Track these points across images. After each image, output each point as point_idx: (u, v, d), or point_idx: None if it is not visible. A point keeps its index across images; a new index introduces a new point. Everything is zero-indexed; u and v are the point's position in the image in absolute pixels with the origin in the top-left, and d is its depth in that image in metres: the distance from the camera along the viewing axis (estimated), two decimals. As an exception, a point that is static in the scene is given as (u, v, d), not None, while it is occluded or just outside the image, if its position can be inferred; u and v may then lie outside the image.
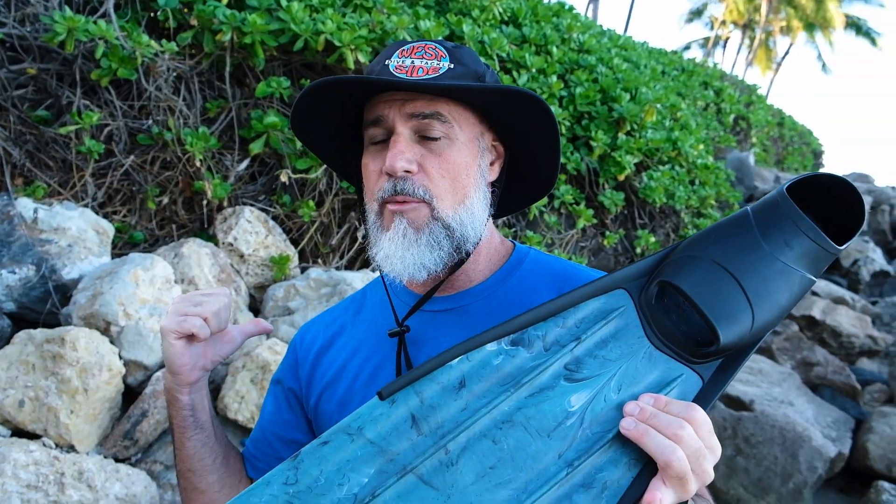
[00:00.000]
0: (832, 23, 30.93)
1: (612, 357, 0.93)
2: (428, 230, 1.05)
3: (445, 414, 0.89)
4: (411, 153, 1.05)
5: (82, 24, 3.09)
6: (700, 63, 11.82)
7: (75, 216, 2.96)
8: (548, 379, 0.90)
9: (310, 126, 1.17)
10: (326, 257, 3.64)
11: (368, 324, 1.23)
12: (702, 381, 0.94)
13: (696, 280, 0.93)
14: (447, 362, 0.91)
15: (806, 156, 16.33)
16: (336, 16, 3.49)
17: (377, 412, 0.89)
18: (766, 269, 0.93)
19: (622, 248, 5.05)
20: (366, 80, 1.03)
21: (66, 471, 2.18)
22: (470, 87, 1.05)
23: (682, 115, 5.97)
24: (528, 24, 4.62)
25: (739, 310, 0.92)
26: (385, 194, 1.05)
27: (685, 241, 1.01)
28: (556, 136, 1.15)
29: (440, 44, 1.10)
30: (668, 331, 0.95)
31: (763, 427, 4.76)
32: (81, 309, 2.58)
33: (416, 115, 1.05)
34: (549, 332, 0.94)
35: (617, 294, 0.97)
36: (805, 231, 0.93)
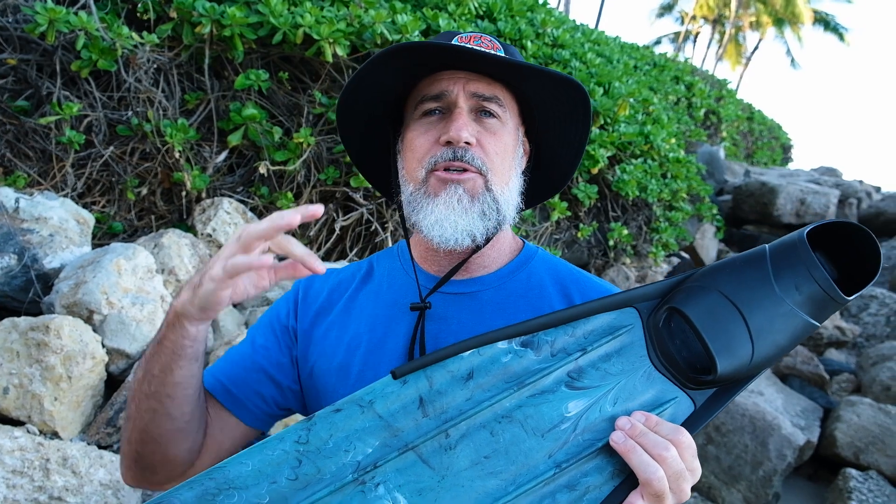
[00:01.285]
0: (801, 18, 31.40)
1: (613, 371, 0.98)
2: (481, 199, 1.11)
3: (451, 401, 0.94)
4: (472, 127, 1.12)
5: (63, 15, 3.11)
6: (671, 58, 11.99)
7: (56, 206, 2.99)
8: (550, 383, 0.96)
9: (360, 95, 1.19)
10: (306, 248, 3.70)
11: (375, 295, 1.26)
12: (693, 406, 0.98)
13: (703, 310, 0.98)
14: (460, 353, 0.97)
15: (775, 150, 16.62)
16: (314, 9, 3.54)
17: (389, 389, 0.95)
18: (772, 309, 0.97)
19: (595, 241, 5.16)
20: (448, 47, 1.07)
21: (50, 457, 2.23)
22: (533, 67, 1.11)
23: (654, 110, 6.09)
24: (503, 18, 4.70)
25: (740, 345, 0.96)
26: (441, 159, 1.10)
27: (701, 270, 1.05)
28: (587, 133, 1.23)
29: (494, 37, 1.18)
30: (670, 354, 0.99)
31: (734, 416, 4.91)
32: (64, 297, 2.62)
33: (478, 95, 1.13)
34: (559, 338, 0.99)
35: (628, 312, 1.02)
36: (817, 279, 0.97)
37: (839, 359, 6.79)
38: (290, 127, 3.70)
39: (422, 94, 1.16)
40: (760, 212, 9.24)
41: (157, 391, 1.06)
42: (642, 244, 5.56)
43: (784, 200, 9.16)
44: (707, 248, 7.59)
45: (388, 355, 1.18)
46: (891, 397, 5.44)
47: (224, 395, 1.24)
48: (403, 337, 1.18)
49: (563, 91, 1.16)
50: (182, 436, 1.12)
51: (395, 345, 1.18)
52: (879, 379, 5.63)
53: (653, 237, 5.61)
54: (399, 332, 1.19)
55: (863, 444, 4.99)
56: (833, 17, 32.39)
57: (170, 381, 1.05)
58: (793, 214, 9.20)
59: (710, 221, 7.38)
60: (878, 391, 5.56)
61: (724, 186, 9.88)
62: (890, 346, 5.92)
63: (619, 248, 5.25)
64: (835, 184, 11.29)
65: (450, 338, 1.16)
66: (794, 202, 9.21)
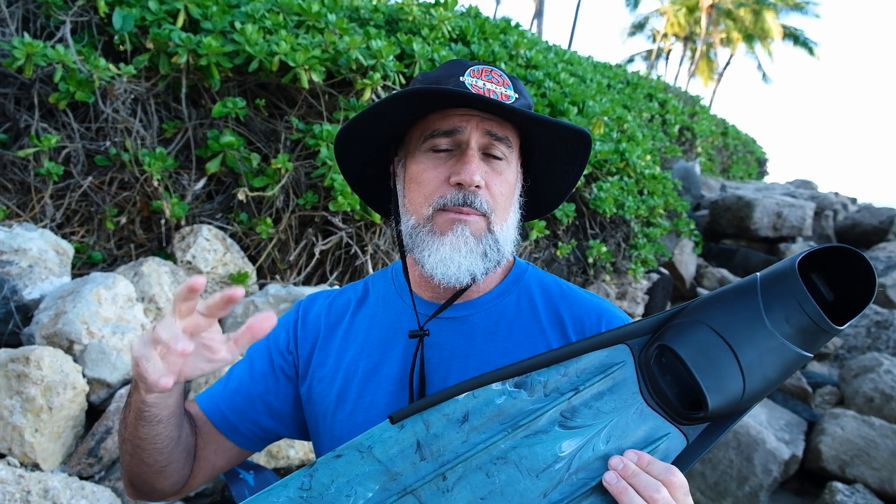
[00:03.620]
0: (770, 34, 32.01)
1: (605, 409, 0.99)
2: (484, 241, 1.13)
3: (447, 444, 0.96)
4: (483, 169, 1.12)
5: (40, 48, 3.14)
6: (644, 76, 12.18)
7: (35, 237, 3.00)
8: (544, 423, 0.98)
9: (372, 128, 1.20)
10: (284, 273, 3.72)
11: (371, 320, 1.26)
12: (686, 442, 0.99)
13: (694, 347, 0.99)
14: (455, 396, 0.99)
15: (751, 164, 16.85)
16: (289, 37, 3.59)
17: (387, 434, 0.97)
18: (763, 343, 0.97)
19: (575, 259, 5.22)
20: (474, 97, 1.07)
21: (31, 489, 2.22)
22: (552, 121, 1.13)
23: (628, 127, 6.19)
24: (476, 41, 4.78)
25: (731, 381, 0.97)
26: (450, 202, 1.11)
27: (692, 304, 1.06)
28: (578, 177, 1.26)
29: (503, 72, 1.19)
30: (662, 391, 1.00)
31: None
32: (44, 328, 2.62)
33: (491, 135, 1.13)
34: (551, 378, 1.01)
35: (619, 349, 1.03)
36: (807, 311, 0.97)
37: (822, 371, 6.82)
38: (268, 153, 3.74)
39: (432, 127, 1.15)
40: (737, 226, 9.36)
41: (131, 438, 1.10)
42: (621, 261, 5.62)
43: (760, 214, 9.29)
44: (686, 263, 7.68)
45: (385, 381, 1.19)
46: (874, 409, 5.46)
47: (223, 424, 1.26)
48: (398, 362, 1.20)
49: (570, 138, 1.18)
50: (162, 477, 1.16)
51: (391, 371, 1.19)
52: (862, 391, 5.65)
53: (632, 254, 5.68)
54: (394, 358, 1.20)
55: (848, 457, 4.99)
56: (802, 32, 33.04)
57: (138, 435, 1.08)
58: (770, 228, 9.33)
59: (687, 237, 7.47)
60: (862, 403, 5.58)
61: (701, 201, 10.00)
62: (871, 358, 5.96)
63: (599, 265, 5.30)
64: (810, 196, 11.45)
65: (442, 363, 1.18)
66: (770, 215, 9.34)
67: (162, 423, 1.07)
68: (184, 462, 1.17)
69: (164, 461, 1.12)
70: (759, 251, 9.31)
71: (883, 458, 4.88)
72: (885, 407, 5.43)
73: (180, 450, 1.15)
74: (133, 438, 1.09)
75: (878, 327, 7.13)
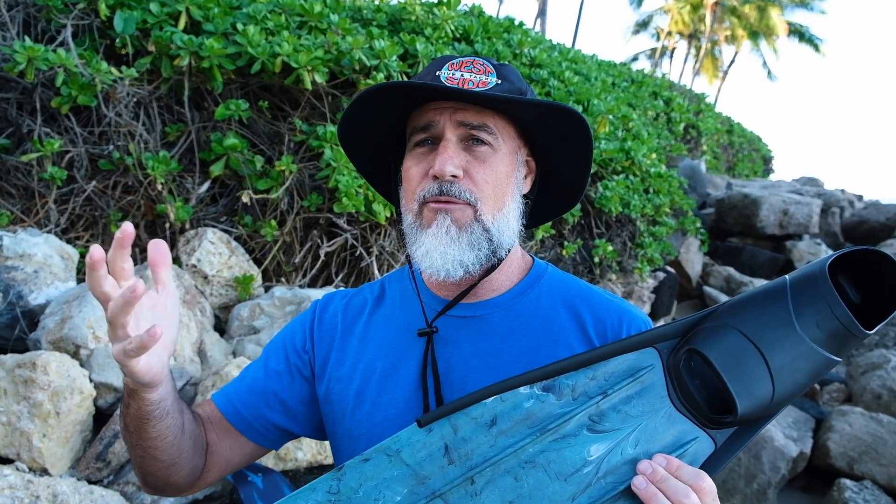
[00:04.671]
0: (775, 30, 31.90)
1: (633, 413, 0.98)
2: (469, 230, 1.11)
3: (475, 447, 0.96)
4: (459, 159, 1.11)
5: (42, 53, 3.13)
6: (649, 74, 12.15)
7: (40, 242, 2.99)
8: (572, 427, 0.97)
9: (356, 128, 1.22)
10: (290, 276, 3.71)
11: (388, 320, 1.26)
12: (714, 446, 0.99)
13: (724, 351, 0.98)
14: (483, 399, 0.98)
15: (756, 162, 16.81)
16: (292, 38, 3.58)
17: (415, 438, 0.97)
18: (793, 348, 0.97)
19: (581, 258, 5.20)
20: (426, 86, 1.09)
21: (41, 494, 2.21)
22: (518, 100, 1.11)
23: (633, 126, 6.16)
24: (479, 40, 4.76)
25: (761, 385, 0.96)
26: (428, 193, 1.11)
27: (721, 307, 1.04)
28: (589, 153, 1.22)
29: (487, 60, 1.17)
30: (690, 395, 0.99)
31: None
32: (50, 333, 2.61)
33: (465, 125, 1.12)
34: (579, 382, 1.00)
35: (647, 353, 1.03)
36: (838, 316, 0.95)
37: (829, 368, 6.79)
38: (272, 155, 3.73)
39: (412, 125, 1.17)
40: (744, 223, 9.32)
41: (138, 444, 1.09)
42: (627, 260, 5.59)
43: (767, 212, 9.25)
44: (692, 261, 7.65)
45: (403, 381, 1.18)
46: (882, 406, 5.42)
47: (237, 420, 1.27)
48: (416, 362, 1.19)
49: (553, 116, 1.16)
50: (176, 469, 1.15)
51: (408, 370, 1.19)
52: (870, 387, 5.62)
53: (637, 252, 5.65)
54: (412, 357, 1.19)
55: (856, 454, 4.96)
56: (807, 29, 32.92)
57: (146, 437, 1.07)
58: (776, 225, 9.29)
59: (694, 235, 7.44)
60: (870, 400, 5.55)
61: (707, 200, 9.96)
62: (879, 355, 5.91)
63: (605, 264, 5.28)
64: (817, 193, 11.41)
65: (461, 362, 1.17)
66: (776, 213, 9.30)
67: (170, 414, 1.07)
68: (193, 451, 1.17)
69: (175, 453, 1.12)
70: (765, 249, 9.27)
71: (891, 454, 4.85)
72: (894, 404, 5.39)
73: (187, 437, 1.14)
74: (142, 442, 1.08)
75: (886, 324, 7.08)
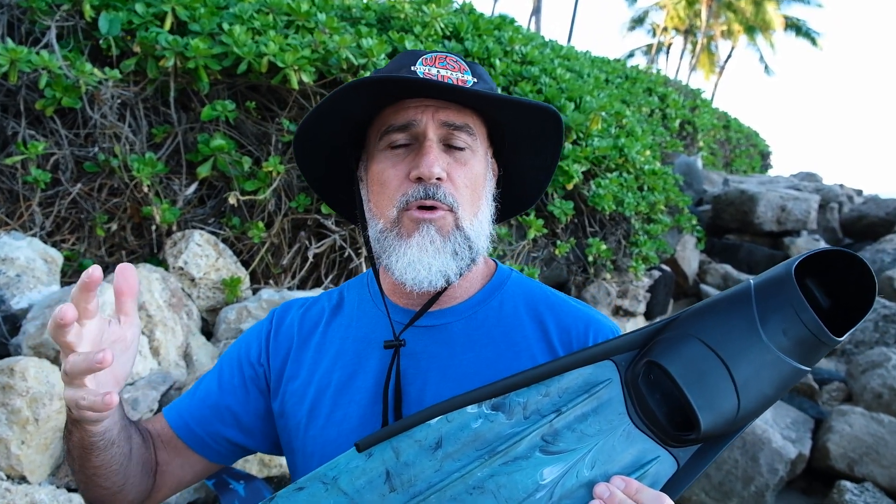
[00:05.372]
0: (772, 25, 31.81)
1: (590, 432, 0.92)
2: (453, 239, 1.06)
3: (419, 472, 0.90)
4: (443, 160, 1.06)
5: (25, 54, 3.09)
6: (643, 70, 12.11)
7: (23, 246, 2.96)
8: (523, 449, 0.91)
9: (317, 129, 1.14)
10: (278, 278, 3.67)
11: (344, 329, 1.21)
12: (677, 465, 0.93)
13: (685, 363, 0.91)
14: (427, 420, 0.92)
15: (754, 157, 16.77)
16: (278, 37, 3.54)
17: (353, 464, 0.91)
18: (758, 358, 0.90)
19: (574, 257, 5.16)
20: (416, 81, 1.02)
21: (17, 502, 2.18)
22: (510, 99, 1.07)
23: (627, 122, 6.13)
24: (469, 38, 4.73)
25: (725, 398, 0.90)
26: (412, 198, 1.05)
27: (682, 315, 0.97)
28: (556, 162, 1.19)
29: (459, 56, 1.12)
30: (650, 410, 0.93)
31: None
32: (31, 338, 2.58)
33: (448, 124, 1.07)
34: (531, 399, 0.93)
35: (604, 366, 0.96)
36: (806, 322, 0.90)
37: (828, 367, 6.70)
38: (260, 156, 3.69)
39: (388, 123, 1.09)
40: (741, 220, 9.28)
41: (81, 470, 1.06)
42: (622, 258, 5.56)
43: (764, 208, 9.20)
44: (689, 259, 7.61)
45: (358, 395, 1.13)
46: (883, 405, 5.35)
47: (189, 436, 1.22)
48: (373, 374, 1.14)
49: (536, 117, 1.12)
50: (122, 495, 1.11)
51: (365, 382, 1.13)
52: (871, 386, 5.54)
53: (632, 251, 5.62)
54: (368, 369, 1.14)
55: (857, 455, 4.90)
56: (804, 23, 32.85)
57: (90, 465, 1.03)
58: (774, 221, 9.24)
59: (690, 232, 7.40)
60: (870, 399, 5.47)
61: (704, 196, 9.92)
62: (879, 353, 5.84)
63: (599, 263, 5.24)
64: (815, 189, 11.34)
65: (419, 374, 1.12)
66: (774, 209, 9.25)
67: (115, 444, 1.02)
68: (141, 476, 1.13)
69: (121, 481, 1.07)
70: (763, 246, 9.23)
71: (893, 455, 4.79)
72: (895, 403, 5.34)
73: (134, 464, 1.10)
74: (85, 469, 1.04)
75: (887, 321, 7.02)
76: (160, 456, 1.20)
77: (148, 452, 1.16)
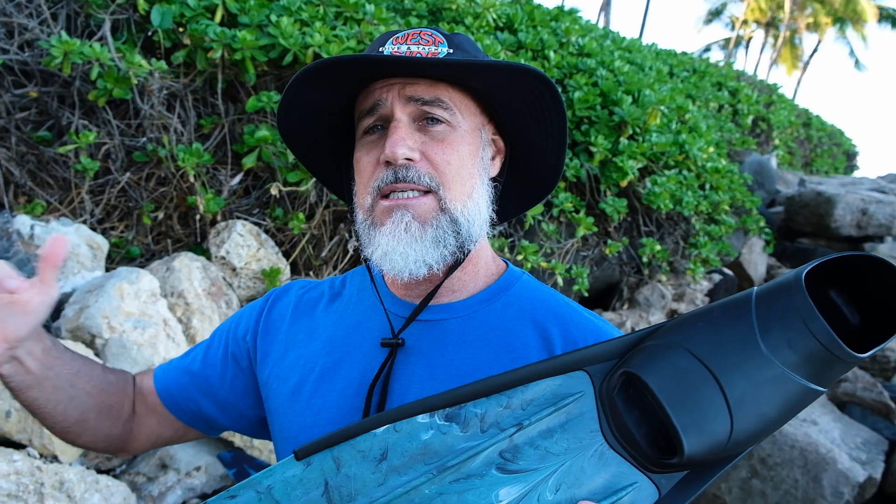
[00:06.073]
0: (864, 16, 30.22)
1: (556, 450, 0.82)
2: (435, 224, 0.99)
3: (360, 487, 0.83)
4: (412, 140, 0.99)
5: (77, 47, 3.18)
6: (713, 63, 11.67)
7: (70, 232, 3.05)
8: (478, 465, 0.82)
9: (295, 118, 1.11)
10: (319, 269, 3.68)
11: (339, 316, 1.16)
12: (658, 494, 0.81)
13: (668, 376, 0.80)
14: (373, 428, 0.85)
15: (837, 157, 15.98)
16: (324, 28, 3.54)
17: (289, 473, 0.85)
18: (757, 373, 0.78)
19: (627, 258, 5.01)
20: (357, 59, 0.97)
21: (45, 481, 2.24)
22: (472, 63, 0.99)
23: (690, 118, 5.91)
24: (524, 29, 4.63)
25: (715, 419, 0.78)
26: (383, 182, 1.00)
27: (670, 322, 0.86)
28: (563, 126, 1.09)
29: (436, 30, 1.06)
30: (627, 429, 0.82)
31: (781, 447, 4.55)
32: (69, 322, 2.65)
33: (416, 100, 1.00)
34: (490, 410, 0.84)
35: (576, 377, 0.86)
36: (816, 334, 0.76)
37: (908, 384, 6.30)
38: (305, 148, 3.70)
39: (358, 109, 1.06)
40: (816, 223, 8.81)
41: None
42: (680, 260, 5.37)
43: (843, 211, 8.71)
44: (755, 263, 7.30)
45: (341, 384, 1.08)
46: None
47: (167, 398, 1.24)
48: (360, 365, 1.08)
49: (519, 81, 1.03)
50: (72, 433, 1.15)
51: (350, 372, 1.08)
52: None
53: (691, 252, 5.41)
54: (356, 359, 1.09)
55: (936, 482, 4.56)
56: (901, 14, 31.15)
57: (20, 401, 1.08)
58: (853, 226, 8.73)
59: (757, 235, 7.08)
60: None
61: (776, 197, 9.49)
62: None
63: (654, 264, 5.07)
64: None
65: (405, 372, 1.05)
66: (854, 213, 8.74)
67: (33, 388, 1.06)
68: (98, 422, 1.16)
69: (60, 420, 1.12)
70: (840, 251, 8.75)
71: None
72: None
73: (83, 409, 1.13)
74: (20, 402, 1.09)
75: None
76: (139, 407, 1.23)
77: (113, 401, 1.18)
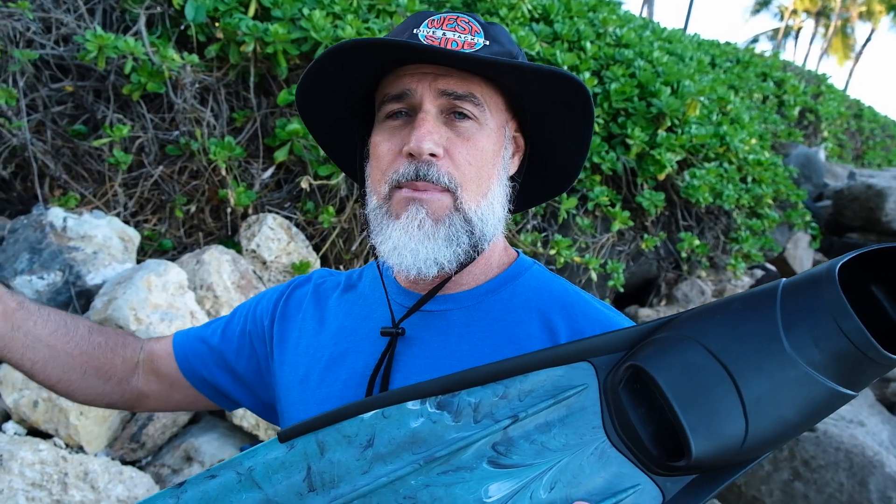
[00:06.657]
0: (921, 5, 29.15)
1: (553, 446, 0.77)
2: (448, 222, 0.97)
3: (343, 473, 0.80)
4: (439, 135, 0.96)
5: (111, 41, 3.21)
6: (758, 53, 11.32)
7: (102, 224, 3.08)
8: (469, 458, 0.78)
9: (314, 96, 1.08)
10: (350, 263, 3.67)
11: (351, 305, 1.16)
12: (662, 498, 0.76)
13: (678, 372, 0.74)
14: (360, 413, 0.81)
15: (891, 150, 15.43)
16: (356, 21, 3.52)
17: (271, 455, 0.82)
18: (778, 372, 0.72)
19: (665, 252, 4.90)
20: (401, 44, 0.93)
21: (69, 471, 2.26)
22: (515, 65, 0.95)
23: (732, 109, 5.74)
24: (560, 20, 4.53)
25: (728, 420, 0.72)
26: (402, 178, 0.97)
27: (685, 314, 0.80)
28: (589, 133, 1.07)
29: (473, 17, 1.02)
30: (632, 427, 0.77)
31: (826, 449, 4.39)
32: (97, 314, 2.67)
33: (448, 94, 0.97)
34: (485, 400, 0.80)
35: (580, 368, 0.80)
36: (847, 331, 0.70)
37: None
38: (335, 141, 3.69)
39: (384, 92, 1.02)
40: (866, 217, 8.50)
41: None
42: (720, 255, 5.22)
43: (894, 204, 8.40)
44: (800, 258, 7.08)
45: (345, 374, 1.08)
46: None
47: (181, 359, 1.26)
48: (364, 355, 1.07)
49: (553, 84, 1.00)
50: (70, 391, 1.19)
51: (355, 363, 1.07)
52: None
53: (732, 247, 5.27)
54: (361, 350, 1.08)
55: None
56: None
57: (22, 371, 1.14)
58: (905, 220, 8.42)
59: (802, 229, 6.86)
60: None
61: (824, 191, 9.19)
62: None
63: (694, 259, 4.94)
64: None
65: (407, 362, 1.04)
66: (906, 206, 8.43)
67: (10, 350, 1.10)
68: (83, 382, 1.19)
69: (45, 379, 1.16)
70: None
71: None
72: None
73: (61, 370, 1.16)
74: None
75: None
76: (151, 368, 1.27)
77: (100, 361, 1.21)
